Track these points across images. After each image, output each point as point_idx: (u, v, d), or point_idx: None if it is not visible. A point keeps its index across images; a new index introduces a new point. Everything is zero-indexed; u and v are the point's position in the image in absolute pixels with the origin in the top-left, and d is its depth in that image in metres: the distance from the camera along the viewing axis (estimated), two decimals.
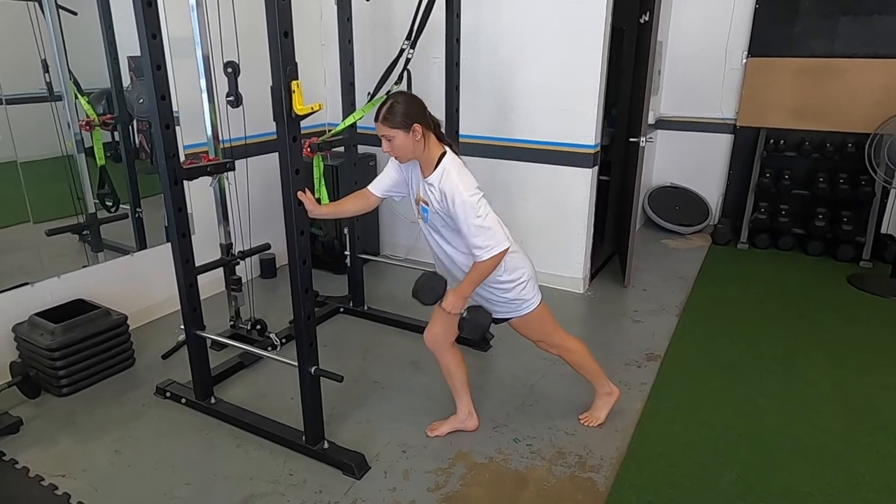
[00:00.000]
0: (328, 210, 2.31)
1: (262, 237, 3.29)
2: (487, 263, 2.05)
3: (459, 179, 2.02)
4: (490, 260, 2.04)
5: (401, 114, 2.00)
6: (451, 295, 2.13)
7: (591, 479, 2.25)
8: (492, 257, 2.03)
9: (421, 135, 2.02)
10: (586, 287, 4.03)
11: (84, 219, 3.18)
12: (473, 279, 2.10)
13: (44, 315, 2.78)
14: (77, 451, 2.40)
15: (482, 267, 2.06)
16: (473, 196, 2.01)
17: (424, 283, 2.15)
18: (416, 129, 2.01)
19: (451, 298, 2.13)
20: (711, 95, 5.08)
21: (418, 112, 2.03)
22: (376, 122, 2.05)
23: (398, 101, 2.02)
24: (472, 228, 2.01)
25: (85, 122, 3.09)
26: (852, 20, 4.46)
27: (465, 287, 2.11)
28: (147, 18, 2.11)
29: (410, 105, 2.03)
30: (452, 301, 2.13)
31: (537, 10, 3.55)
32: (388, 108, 2.01)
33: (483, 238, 2.01)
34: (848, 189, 4.51)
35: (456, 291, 2.13)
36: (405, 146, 2.04)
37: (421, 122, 2.02)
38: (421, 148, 2.05)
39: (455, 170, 2.05)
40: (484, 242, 2.01)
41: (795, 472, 2.29)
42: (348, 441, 2.41)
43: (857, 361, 3.10)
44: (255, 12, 2.09)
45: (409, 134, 2.01)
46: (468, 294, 2.14)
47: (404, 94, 2.11)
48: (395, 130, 2.01)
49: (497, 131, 3.86)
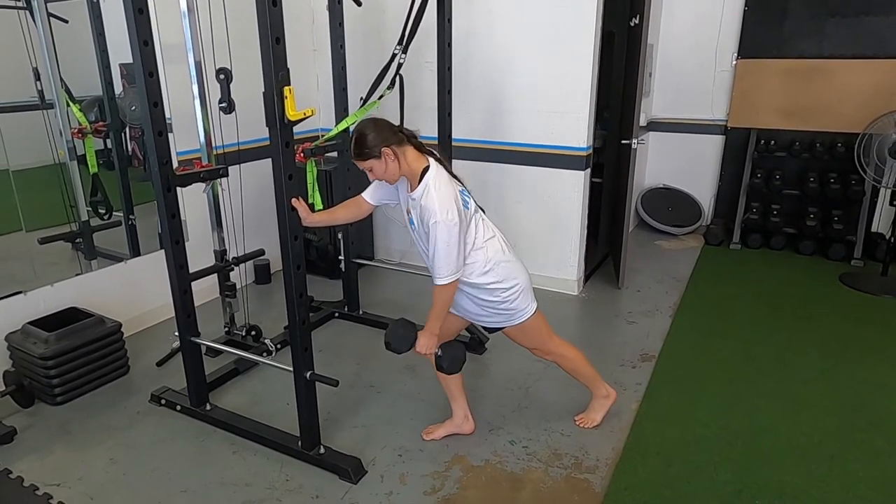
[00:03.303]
0: (321, 218, 2.31)
1: (256, 243, 3.29)
2: (440, 290, 2.07)
3: (438, 199, 2.01)
4: (442, 287, 2.06)
5: (369, 144, 2.02)
6: (422, 336, 2.14)
7: (587, 480, 2.26)
8: (443, 285, 2.05)
9: (394, 156, 2.04)
10: (580, 289, 4.04)
11: (77, 227, 3.17)
12: (436, 312, 2.11)
13: (37, 324, 2.77)
14: (72, 460, 2.39)
15: (437, 294, 2.08)
16: (447, 219, 1.99)
17: (395, 332, 2.15)
18: (387, 152, 2.03)
19: (423, 340, 2.14)
20: (702, 97, 5.12)
21: (385, 135, 2.04)
22: (352, 160, 2.09)
23: (364, 133, 2.03)
24: (436, 250, 2.02)
25: (77, 130, 3.08)
26: (840, 21, 4.50)
27: (431, 324, 2.13)
28: (139, 25, 2.11)
29: (377, 131, 2.04)
30: (424, 342, 2.13)
31: (528, 14, 3.57)
32: (356, 143, 2.04)
33: (442, 263, 2.02)
34: (838, 188, 4.54)
35: (424, 332, 2.14)
36: (383, 172, 2.07)
37: (390, 143, 2.03)
38: (397, 168, 2.06)
39: (435, 187, 2.04)
40: (441, 268, 2.03)
41: (790, 470, 2.30)
42: (344, 446, 2.41)
43: (850, 359, 3.12)
44: (246, 18, 2.10)
45: (382, 159, 2.03)
46: (437, 330, 2.14)
47: (369, 121, 2.09)
48: (369, 161, 2.05)
49: (489, 134, 3.88)
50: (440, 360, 2.18)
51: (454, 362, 2.21)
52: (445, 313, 2.15)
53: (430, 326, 2.13)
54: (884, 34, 4.38)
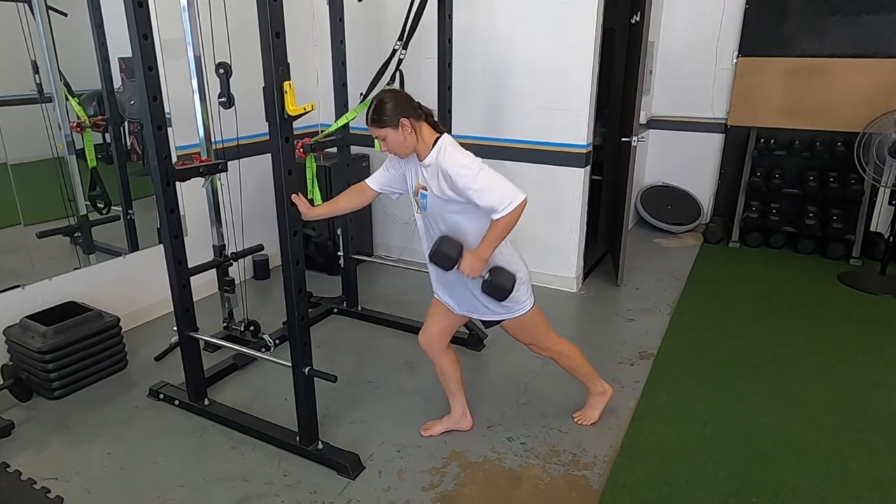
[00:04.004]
0: (322, 211, 2.30)
1: (256, 238, 3.29)
2: (508, 219, 1.99)
3: (455, 152, 2.02)
4: (510, 214, 1.98)
5: (387, 112, 2.00)
6: (469, 257, 2.05)
7: (584, 477, 2.26)
8: (512, 211, 1.97)
9: (411, 128, 2.02)
10: (579, 286, 4.04)
11: (75, 221, 3.17)
12: (493, 238, 2.03)
13: (35, 318, 2.77)
14: (70, 454, 2.39)
15: (502, 223, 1.99)
16: (473, 162, 2.00)
17: (440, 246, 2.06)
18: (405, 123, 2.01)
19: (469, 261, 2.04)
20: (702, 95, 5.11)
21: (405, 107, 2.02)
22: (367, 125, 2.05)
23: (383, 101, 2.02)
24: (480, 191, 1.97)
25: (76, 124, 3.07)
26: (841, 20, 4.50)
27: (483, 249, 2.05)
28: (138, 19, 2.10)
29: (396, 101, 2.02)
30: (470, 264, 2.05)
31: (529, 10, 3.56)
32: (375, 110, 2.02)
33: (496, 195, 1.97)
34: (838, 187, 4.54)
35: (474, 254, 2.05)
36: (399, 143, 2.04)
37: (409, 115, 2.01)
38: (414, 141, 2.05)
39: (451, 146, 2.05)
40: (498, 199, 1.96)
41: (787, 469, 2.30)
42: (343, 441, 2.41)
43: (848, 358, 3.13)
44: (246, 13, 2.09)
45: (399, 130, 2.01)
46: (487, 256, 2.05)
47: (389, 91, 2.10)
48: (386, 129, 2.01)
49: (489, 131, 3.87)
50: (486, 284, 2.09)
51: (498, 290, 2.10)
52: (500, 243, 2.07)
53: (480, 251, 2.05)
54: (884, 33, 4.38)
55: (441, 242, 2.07)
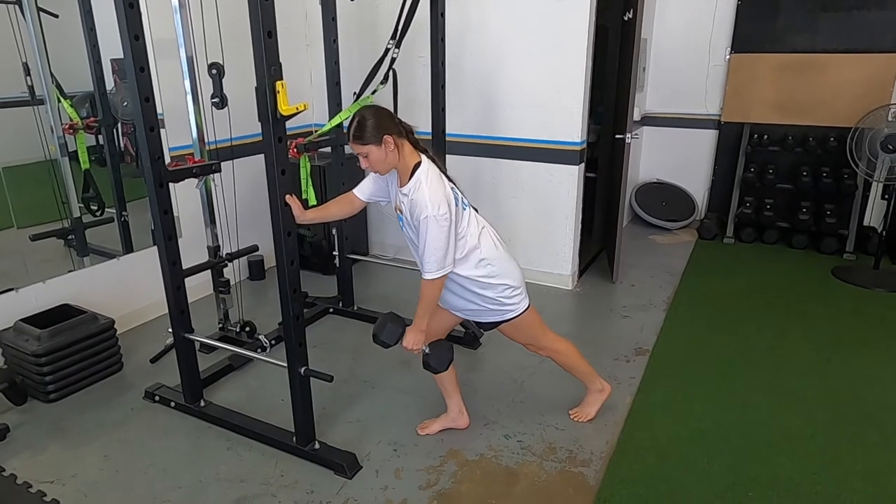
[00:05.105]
0: (313, 215, 2.30)
1: (250, 239, 3.28)
2: (428, 285, 2.06)
3: (430, 194, 2.00)
4: (430, 283, 2.05)
5: (369, 128, 2.00)
6: (409, 333, 2.13)
7: (581, 474, 2.27)
8: (431, 280, 2.04)
9: (393, 145, 2.03)
10: (575, 283, 4.05)
11: (69, 223, 3.16)
12: (423, 308, 2.10)
13: (29, 321, 2.76)
14: (65, 457, 2.38)
15: (425, 289, 2.07)
16: (438, 214, 1.98)
17: (384, 325, 2.14)
18: (388, 140, 2.01)
19: (410, 336, 2.13)
20: (696, 91, 5.13)
21: (386, 124, 2.03)
22: (349, 142, 2.06)
23: (365, 117, 2.02)
24: (426, 245, 2.01)
25: (68, 126, 3.06)
26: (832, 16, 4.51)
27: (419, 321, 2.12)
28: (129, 20, 2.09)
29: (378, 118, 2.02)
30: (411, 339, 2.13)
31: (522, 8, 3.56)
32: (357, 126, 2.02)
33: (430, 258, 2.01)
34: (831, 182, 4.56)
35: (412, 328, 2.13)
36: (380, 160, 2.04)
37: (391, 132, 2.02)
38: (395, 158, 2.05)
39: (427, 182, 2.03)
40: (429, 263, 2.02)
41: (783, 463, 2.31)
42: (339, 441, 2.41)
43: (843, 353, 3.14)
44: (238, 13, 2.08)
45: (382, 147, 2.01)
46: (424, 327, 2.13)
47: (370, 107, 2.09)
48: (368, 146, 2.02)
49: (483, 129, 3.87)
50: (428, 357, 2.20)
51: (441, 361, 2.23)
52: (433, 310, 2.14)
53: (417, 323, 2.12)
54: (875, 28, 4.40)
55: (384, 321, 2.14)
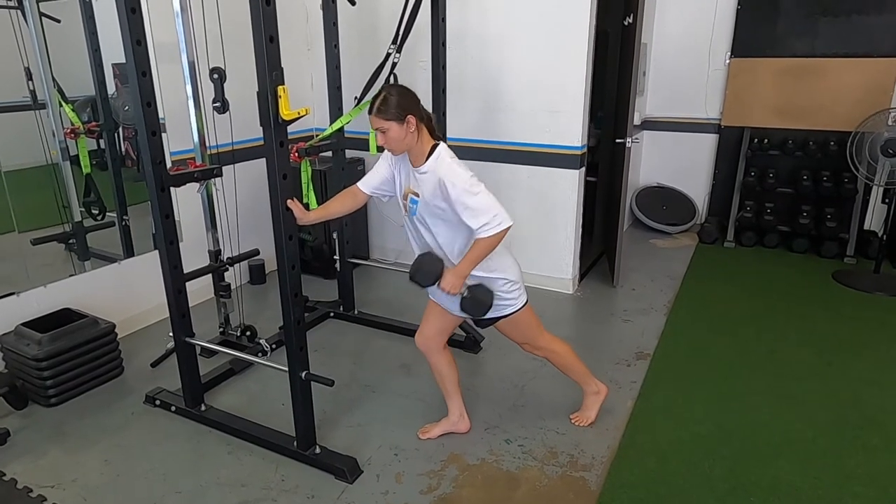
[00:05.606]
0: (316, 215, 2.30)
1: (251, 243, 3.28)
2: (491, 240, 2.01)
3: (455, 164, 2.04)
4: (494, 236, 2.00)
5: (395, 105, 2.00)
6: (450, 274, 2.08)
7: (582, 478, 2.26)
8: (496, 234, 2.00)
9: (415, 126, 2.03)
10: (575, 287, 4.05)
11: (70, 227, 3.16)
12: (473, 257, 2.05)
13: (30, 325, 2.76)
14: (66, 462, 2.38)
15: (484, 243, 2.02)
16: (469, 178, 2.01)
17: (420, 265, 2.10)
18: (410, 120, 2.01)
19: (450, 278, 2.08)
20: (696, 96, 5.14)
21: (412, 104, 2.04)
22: (370, 115, 2.05)
23: (392, 94, 2.03)
24: (473, 210, 1.99)
25: (70, 130, 3.07)
26: (832, 20, 4.52)
27: (463, 266, 2.07)
28: (131, 25, 2.10)
29: (404, 97, 2.03)
30: (451, 280, 2.08)
31: (523, 13, 3.57)
32: (382, 101, 2.02)
33: (484, 216, 1.98)
34: (831, 186, 4.56)
35: (454, 271, 2.08)
36: (399, 138, 2.04)
37: (415, 113, 2.03)
38: (414, 140, 2.06)
39: (449, 156, 2.07)
40: (485, 220, 1.98)
41: (784, 467, 2.31)
42: (340, 445, 2.41)
43: (843, 356, 3.14)
44: (240, 17, 2.09)
45: (404, 125, 2.01)
46: (467, 273, 2.08)
47: (398, 86, 2.10)
48: (390, 122, 2.01)
49: (484, 134, 3.88)
50: (465, 300, 2.12)
51: (478, 305, 2.13)
52: (481, 261, 2.09)
53: (460, 268, 2.07)
54: (875, 33, 4.41)
55: (422, 261, 2.10)
